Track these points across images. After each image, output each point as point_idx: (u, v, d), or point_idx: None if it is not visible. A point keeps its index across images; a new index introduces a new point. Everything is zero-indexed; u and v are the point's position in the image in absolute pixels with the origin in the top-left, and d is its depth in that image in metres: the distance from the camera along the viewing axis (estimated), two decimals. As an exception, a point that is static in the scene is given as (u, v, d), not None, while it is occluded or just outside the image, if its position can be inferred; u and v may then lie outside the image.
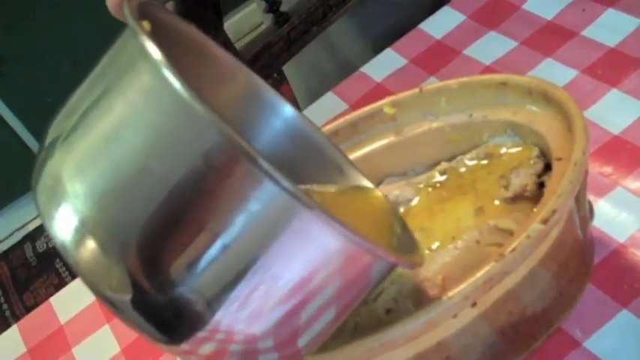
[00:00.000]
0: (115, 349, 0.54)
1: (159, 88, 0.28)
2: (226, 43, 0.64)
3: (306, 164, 0.42)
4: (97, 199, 0.29)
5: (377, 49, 0.67)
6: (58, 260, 1.68)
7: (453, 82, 0.46)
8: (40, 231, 1.81)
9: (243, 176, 0.27)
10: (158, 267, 0.28)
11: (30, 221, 1.86)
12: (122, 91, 0.30)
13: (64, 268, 1.65)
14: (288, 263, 0.29)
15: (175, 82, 0.27)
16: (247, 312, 0.29)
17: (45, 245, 1.77)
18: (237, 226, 0.28)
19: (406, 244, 0.37)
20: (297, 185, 0.27)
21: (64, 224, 0.30)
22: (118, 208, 0.29)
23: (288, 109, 0.42)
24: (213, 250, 0.28)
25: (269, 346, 0.31)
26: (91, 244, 0.29)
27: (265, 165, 0.27)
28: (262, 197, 0.27)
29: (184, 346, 0.30)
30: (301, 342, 0.32)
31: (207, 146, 0.27)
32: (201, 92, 0.29)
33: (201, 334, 0.29)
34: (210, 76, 0.40)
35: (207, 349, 0.30)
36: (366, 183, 0.42)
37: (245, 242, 0.28)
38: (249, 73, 0.42)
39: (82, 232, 0.29)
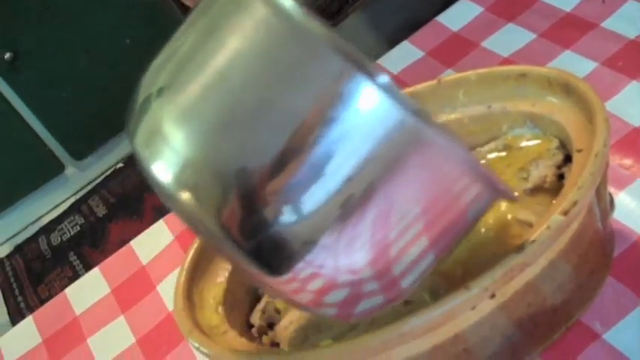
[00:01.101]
0: (130, 339, 0.54)
1: (274, 18, 0.27)
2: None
3: None
4: (208, 137, 0.28)
5: (391, 44, 0.66)
6: (72, 253, 1.69)
7: (471, 74, 0.45)
8: (55, 224, 1.82)
9: (367, 101, 0.26)
10: (262, 200, 0.27)
11: (44, 214, 1.87)
12: (233, 27, 0.28)
13: (78, 261, 1.66)
14: (403, 193, 0.28)
15: (292, 8, 0.26)
16: (356, 245, 0.28)
17: (59, 239, 1.78)
18: (362, 156, 0.27)
19: None
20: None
21: (167, 166, 0.29)
22: (232, 145, 0.28)
23: None
24: (334, 182, 0.27)
25: (373, 279, 0.30)
26: (196, 181, 0.28)
27: (394, 89, 0.26)
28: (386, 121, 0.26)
29: (291, 282, 0.29)
30: (402, 276, 0.31)
31: (332, 72, 0.26)
32: None
33: (308, 270, 0.28)
34: None
35: (315, 284, 0.29)
36: None
37: (367, 172, 0.27)
38: None
39: (187, 171, 0.28)
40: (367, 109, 0.26)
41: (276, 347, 0.42)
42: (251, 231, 0.28)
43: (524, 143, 0.44)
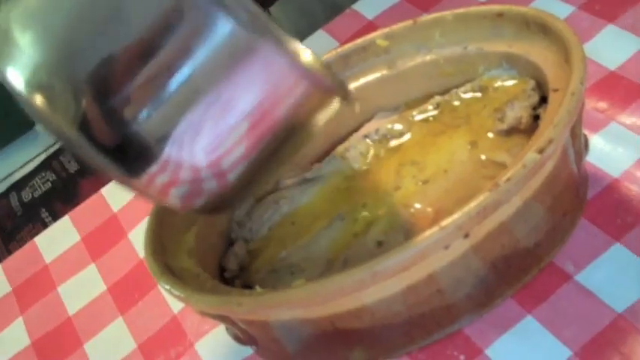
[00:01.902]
0: (102, 287, 0.53)
1: None
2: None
3: None
4: (58, 38, 0.30)
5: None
6: (43, 210, 1.67)
7: (447, 14, 0.45)
8: (26, 181, 1.80)
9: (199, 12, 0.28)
10: (115, 102, 0.29)
11: (15, 171, 1.85)
12: None
13: (49, 218, 1.64)
14: (234, 91, 0.30)
15: None
16: (197, 139, 0.30)
17: (31, 195, 1.76)
18: (193, 60, 0.29)
19: None
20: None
21: (18, 71, 0.30)
22: (82, 46, 0.29)
23: None
24: (171, 84, 0.29)
25: (207, 173, 0.32)
26: (49, 84, 0.29)
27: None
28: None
29: (139, 179, 0.31)
30: (230, 170, 0.32)
31: None
32: None
33: (154, 167, 0.31)
34: None
35: (160, 180, 0.31)
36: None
37: (202, 73, 0.29)
38: None
39: (39, 74, 0.29)
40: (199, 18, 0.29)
41: (249, 289, 0.41)
42: (105, 133, 0.30)
43: (499, 84, 0.43)
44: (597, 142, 0.44)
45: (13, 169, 1.88)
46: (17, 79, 0.30)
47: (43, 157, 1.87)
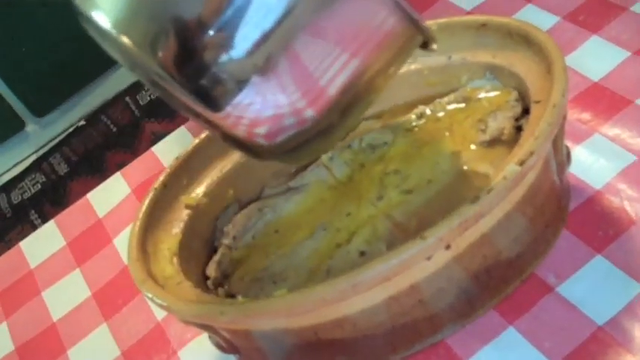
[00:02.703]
0: (86, 293, 0.53)
1: None
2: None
3: None
4: None
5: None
6: (33, 212, 1.67)
7: (432, 24, 0.45)
8: (15, 182, 1.79)
9: None
10: (202, 39, 0.29)
11: (5, 172, 1.84)
12: None
13: (39, 220, 1.64)
14: (326, 29, 0.30)
15: None
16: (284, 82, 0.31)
17: (20, 197, 1.75)
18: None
19: None
20: None
21: (104, 11, 0.30)
22: None
23: None
24: (261, 25, 0.29)
25: (298, 96, 0.32)
26: (136, 23, 0.30)
27: None
28: None
29: (225, 113, 0.31)
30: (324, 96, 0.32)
31: None
32: None
33: (242, 105, 0.31)
34: None
35: (247, 114, 0.32)
36: None
37: (288, 14, 0.29)
38: None
39: (126, 13, 0.30)
40: None
41: (232, 298, 0.41)
42: (192, 72, 0.30)
43: (483, 95, 0.43)
44: (580, 154, 0.44)
45: (3, 170, 1.87)
46: (104, 19, 0.30)
47: (33, 158, 1.86)
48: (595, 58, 0.49)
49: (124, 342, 0.49)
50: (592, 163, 0.44)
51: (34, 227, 0.65)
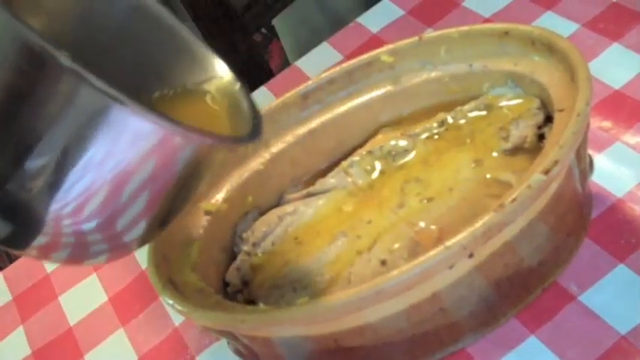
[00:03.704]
0: (103, 297, 0.53)
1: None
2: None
3: (168, 62, 0.39)
4: None
5: (369, 5, 0.65)
6: None
7: (453, 31, 0.45)
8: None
9: (48, 75, 0.27)
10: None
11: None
12: None
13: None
14: (102, 153, 0.29)
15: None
16: (72, 204, 0.30)
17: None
18: (47, 124, 0.28)
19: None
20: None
21: None
22: None
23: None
24: (27, 149, 0.29)
25: (97, 236, 0.32)
26: None
27: (62, 60, 0.27)
28: (65, 92, 0.28)
29: (32, 247, 0.31)
30: (122, 228, 0.32)
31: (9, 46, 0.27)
32: None
33: (44, 229, 0.30)
34: None
35: (38, 241, 0.31)
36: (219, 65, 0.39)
37: (56, 138, 0.28)
38: None
39: None
40: (46, 81, 0.28)
41: (252, 305, 0.41)
42: None
43: (504, 103, 0.43)
44: (601, 162, 0.44)
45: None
46: None
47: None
48: (616, 65, 0.49)
49: (141, 347, 0.49)
50: (613, 172, 0.44)
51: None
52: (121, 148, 0.29)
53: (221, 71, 0.38)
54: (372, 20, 0.63)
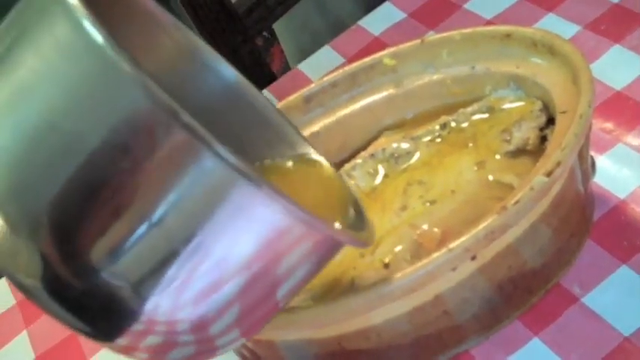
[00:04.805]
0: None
1: (75, 39, 0.24)
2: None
3: (252, 136, 0.37)
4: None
5: (369, 9, 0.65)
6: None
7: (455, 34, 0.45)
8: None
9: (173, 144, 0.24)
10: (75, 248, 0.25)
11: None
12: (31, 44, 0.25)
13: None
14: (228, 242, 0.25)
15: (94, 33, 0.23)
16: (185, 297, 0.26)
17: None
18: (166, 203, 0.24)
19: (357, 223, 0.34)
20: (237, 156, 0.24)
21: None
22: (24, 179, 0.25)
23: (230, 73, 0.36)
24: (139, 229, 0.24)
25: (215, 331, 0.28)
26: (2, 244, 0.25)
27: (201, 131, 0.23)
28: (196, 169, 0.24)
29: (120, 340, 0.27)
30: (244, 325, 0.29)
31: (131, 108, 0.24)
32: (128, 49, 0.24)
33: (136, 326, 0.26)
34: (140, 32, 0.34)
35: (149, 341, 0.27)
36: (321, 159, 0.39)
37: (176, 220, 0.25)
38: (185, 30, 0.37)
39: None
40: (172, 152, 0.24)
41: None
42: (66, 283, 0.26)
43: (507, 105, 0.43)
44: (603, 163, 0.44)
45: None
46: None
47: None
48: (617, 67, 0.49)
49: (145, 351, 0.49)
50: (616, 173, 0.44)
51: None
52: (246, 235, 0.26)
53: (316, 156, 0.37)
54: (374, 23, 0.63)
